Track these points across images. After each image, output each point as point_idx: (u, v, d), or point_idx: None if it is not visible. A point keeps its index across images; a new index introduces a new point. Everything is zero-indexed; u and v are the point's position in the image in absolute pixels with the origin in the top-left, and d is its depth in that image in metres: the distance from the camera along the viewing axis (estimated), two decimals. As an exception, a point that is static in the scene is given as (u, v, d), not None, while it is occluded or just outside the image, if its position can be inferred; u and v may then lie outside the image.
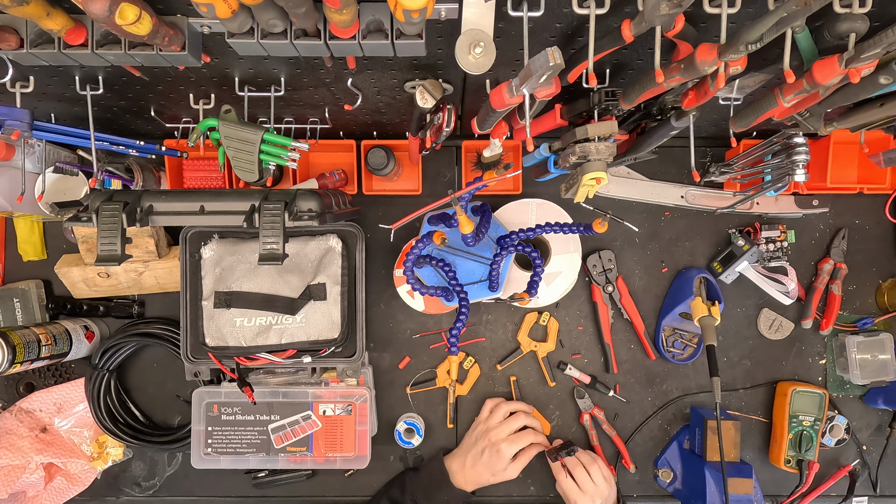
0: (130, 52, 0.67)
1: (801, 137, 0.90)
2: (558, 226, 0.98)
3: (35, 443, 1.06)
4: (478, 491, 1.09)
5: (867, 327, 1.11)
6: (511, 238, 0.99)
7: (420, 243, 0.92)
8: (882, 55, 0.57)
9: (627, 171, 1.13)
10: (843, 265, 1.11)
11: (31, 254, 1.13)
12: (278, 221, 0.79)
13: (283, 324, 0.98)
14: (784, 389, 1.10)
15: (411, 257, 0.91)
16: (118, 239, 0.78)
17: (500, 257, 0.99)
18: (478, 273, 1.03)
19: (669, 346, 1.13)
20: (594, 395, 1.15)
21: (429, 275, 1.03)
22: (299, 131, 1.00)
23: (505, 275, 1.03)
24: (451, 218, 1.00)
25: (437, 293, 0.96)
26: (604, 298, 1.13)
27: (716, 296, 1.10)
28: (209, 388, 1.06)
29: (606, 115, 0.77)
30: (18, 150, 0.93)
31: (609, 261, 1.13)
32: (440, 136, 0.86)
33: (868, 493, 1.14)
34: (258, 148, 0.83)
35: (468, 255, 1.02)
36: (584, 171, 0.76)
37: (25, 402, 1.11)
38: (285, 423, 1.06)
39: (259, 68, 0.79)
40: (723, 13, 0.60)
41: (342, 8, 0.58)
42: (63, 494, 1.10)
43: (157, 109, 0.93)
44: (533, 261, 0.98)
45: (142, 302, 1.15)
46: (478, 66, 0.62)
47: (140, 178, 1.02)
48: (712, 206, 1.11)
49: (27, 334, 0.99)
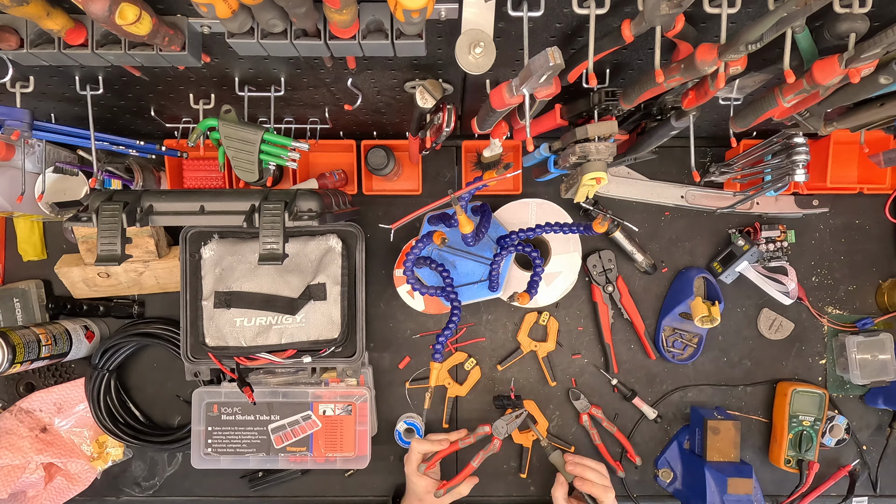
0: (130, 52, 0.67)
1: (801, 137, 0.90)
2: (558, 226, 0.98)
3: (35, 443, 1.06)
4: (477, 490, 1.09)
5: (867, 327, 1.11)
6: (511, 238, 0.99)
7: (420, 243, 0.92)
8: (882, 55, 0.57)
9: (627, 171, 1.13)
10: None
11: (31, 254, 1.13)
12: (278, 221, 0.79)
13: (283, 324, 0.98)
14: (784, 389, 1.10)
15: (411, 257, 0.91)
16: (118, 239, 0.78)
17: (500, 257, 0.99)
18: (478, 273, 1.03)
19: (669, 346, 1.13)
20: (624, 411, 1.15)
21: (428, 275, 1.03)
22: (299, 131, 1.00)
23: (505, 275, 1.03)
24: (451, 218, 1.00)
25: (437, 293, 0.96)
26: (604, 298, 1.13)
27: (716, 296, 1.10)
28: (209, 389, 1.06)
29: (606, 115, 0.77)
30: (18, 150, 0.93)
31: (609, 261, 1.13)
32: (440, 136, 0.86)
33: (868, 493, 1.14)
34: (258, 148, 0.83)
35: (468, 254, 1.02)
36: (584, 171, 0.76)
37: (25, 402, 1.11)
38: (285, 423, 1.06)
39: (259, 68, 0.79)
40: (723, 13, 0.60)
41: (342, 8, 0.58)
42: (63, 494, 1.10)
43: (157, 109, 0.93)
44: (533, 261, 0.98)
45: (142, 302, 1.15)
46: (478, 66, 0.62)
47: (140, 178, 1.02)
48: (712, 206, 1.11)
49: (27, 334, 0.99)
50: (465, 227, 0.90)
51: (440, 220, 1.01)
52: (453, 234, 1.00)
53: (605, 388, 1.15)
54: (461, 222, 0.89)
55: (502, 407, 1.10)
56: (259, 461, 1.06)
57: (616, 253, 1.13)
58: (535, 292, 0.98)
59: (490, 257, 1.01)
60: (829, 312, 1.14)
